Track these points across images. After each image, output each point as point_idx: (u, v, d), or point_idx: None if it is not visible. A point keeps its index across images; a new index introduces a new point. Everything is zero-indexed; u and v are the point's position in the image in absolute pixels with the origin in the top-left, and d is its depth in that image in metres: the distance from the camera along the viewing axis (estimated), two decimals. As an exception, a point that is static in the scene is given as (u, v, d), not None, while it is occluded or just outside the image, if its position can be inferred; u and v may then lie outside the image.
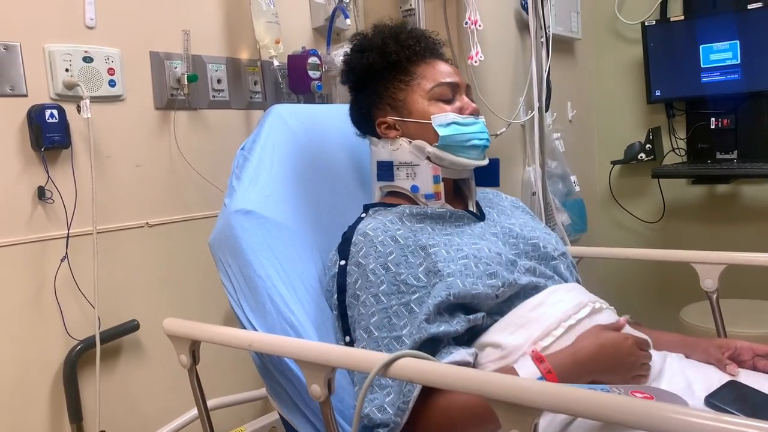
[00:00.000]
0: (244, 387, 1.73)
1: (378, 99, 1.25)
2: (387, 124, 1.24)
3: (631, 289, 2.82)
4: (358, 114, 1.31)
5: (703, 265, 1.35)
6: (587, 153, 2.84)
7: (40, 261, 1.38)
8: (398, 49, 1.23)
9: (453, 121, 1.20)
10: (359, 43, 1.29)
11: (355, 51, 1.29)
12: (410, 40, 1.25)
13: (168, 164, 1.60)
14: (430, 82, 1.22)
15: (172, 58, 1.59)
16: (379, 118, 1.25)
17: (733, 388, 1.04)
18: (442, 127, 1.19)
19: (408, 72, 1.24)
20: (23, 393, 1.36)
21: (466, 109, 1.23)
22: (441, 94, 1.22)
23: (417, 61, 1.24)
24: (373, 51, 1.25)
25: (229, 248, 1.18)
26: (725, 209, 2.64)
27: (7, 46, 1.32)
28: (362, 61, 1.26)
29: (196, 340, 1.11)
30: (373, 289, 1.07)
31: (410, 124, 1.22)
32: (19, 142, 1.34)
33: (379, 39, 1.25)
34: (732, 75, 2.40)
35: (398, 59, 1.24)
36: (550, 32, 2.19)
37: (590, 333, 1.04)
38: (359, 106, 1.30)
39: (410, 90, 1.23)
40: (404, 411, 0.96)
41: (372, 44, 1.26)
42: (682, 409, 0.64)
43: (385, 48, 1.24)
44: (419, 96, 1.22)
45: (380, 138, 1.25)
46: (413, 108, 1.22)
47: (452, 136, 1.19)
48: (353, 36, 1.33)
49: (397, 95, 1.23)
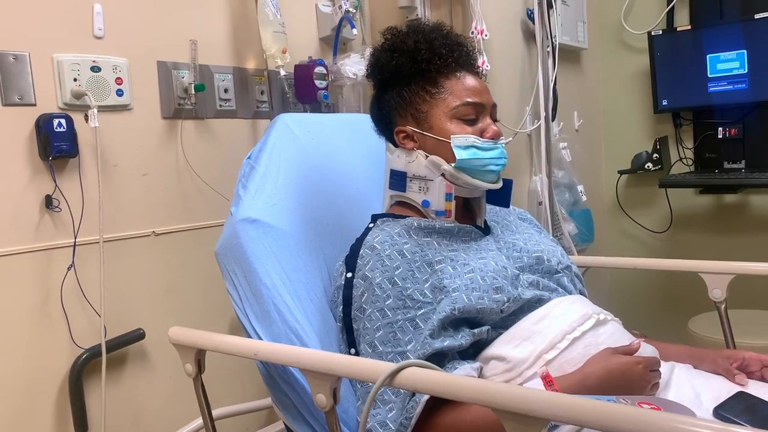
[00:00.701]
0: (249, 396, 1.72)
1: (401, 104, 1.22)
2: (405, 134, 1.21)
3: (639, 299, 2.80)
4: (378, 114, 1.27)
5: (711, 275, 1.35)
6: (594, 162, 2.84)
7: (47, 269, 1.38)
8: (430, 57, 1.19)
9: (472, 144, 1.16)
10: (391, 41, 1.23)
11: (385, 49, 1.24)
12: (444, 49, 1.20)
13: (175, 173, 1.61)
14: (456, 99, 1.18)
15: (179, 68, 1.60)
16: (398, 125, 1.22)
17: (741, 399, 1.03)
18: (460, 149, 1.15)
19: (436, 83, 1.19)
20: (29, 401, 1.36)
21: (487, 132, 1.18)
22: (465, 113, 1.18)
23: (447, 74, 1.20)
24: (404, 54, 1.20)
25: (234, 257, 1.18)
26: (733, 219, 2.63)
27: (16, 56, 1.33)
28: (391, 62, 1.21)
29: (202, 349, 1.11)
30: (379, 304, 1.06)
31: (429, 138, 1.18)
32: (27, 151, 1.35)
33: (412, 42, 1.20)
34: (739, 84, 2.40)
35: (428, 68, 1.20)
36: (557, 42, 2.19)
37: (600, 357, 1.02)
38: (380, 106, 1.26)
39: (435, 103, 1.19)
40: (406, 427, 0.95)
41: (404, 46, 1.21)
42: (690, 420, 0.64)
43: (416, 54, 1.19)
44: (443, 112, 1.18)
45: (397, 146, 1.23)
46: (434, 123, 1.18)
47: (469, 159, 1.15)
48: (386, 29, 1.26)
49: (420, 106, 1.20)
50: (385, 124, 1.26)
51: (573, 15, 2.48)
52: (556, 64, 2.17)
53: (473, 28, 1.92)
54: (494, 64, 1.96)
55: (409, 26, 1.25)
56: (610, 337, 1.07)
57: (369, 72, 1.29)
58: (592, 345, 1.04)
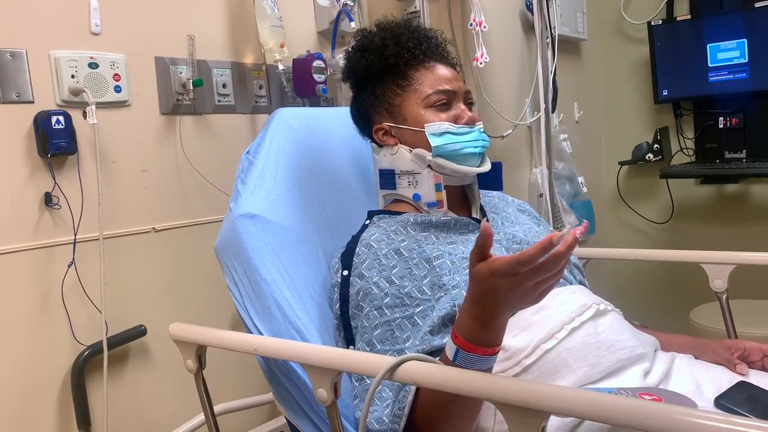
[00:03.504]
0: (251, 392, 1.72)
1: (375, 102, 1.25)
2: (384, 131, 1.23)
3: (640, 290, 2.80)
4: (357, 115, 1.31)
5: (713, 266, 1.34)
6: (595, 154, 2.83)
7: (47, 267, 1.38)
8: (397, 51, 1.21)
9: (446, 130, 1.18)
10: (361, 42, 1.27)
11: (355, 50, 1.27)
12: (411, 42, 1.22)
13: (174, 169, 1.61)
14: (427, 88, 1.20)
15: (177, 63, 1.59)
16: (375, 123, 1.25)
17: (743, 389, 1.03)
18: (435, 137, 1.17)
19: (405, 76, 1.22)
20: (32, 398, 1.36)
21: (461, 118, 1.20)
22: (437, 101, 1.20)
23: (416, 65, 1.22)
24: (373, 52, 1.23)
25: (234, 252, 1.18)
26: (734, 209, 2.62)
27: (13, 53, 1.32)
28: (361, 62, 1.25)
29: (203, 344, 1.10)
30: (377, 302, 1.06)
31: (405, 131, 1.21)
32: (26, 149, 1.35)
33: (379, 39, 1.23)
34: (740, 74, 2.39)
35: (396, 62, 1.22)
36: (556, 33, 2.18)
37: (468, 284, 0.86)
38: (358, 107, 1.29)
39: (406, 96, 1.21)
40: (400, 417, 0.95)
41: (372, 44, 1.24)
42: (691, 411, 0.64)
43: (384, 50, 1.22)
44: (415, 103, 1.20)
45: (380, 146, 1.25)
46: (408, 115, 1.20)
47: (444, 145, 1.17)
48: (356, 32, 1.30)
49: (393, 100, 1.22)
50: (365, 123, 1.28)
51: (572, 5, 2.47)
52: (556, 55, 2.16)
53: (472, 20, 1.91)
54: (493, 56, 1.95)
55: (377, 25, 1.27)
56: (610, 328, 1.07)
57: (344, 75, 1.32)
58: (591, 335, 1.04)
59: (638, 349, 1.05)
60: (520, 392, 0.71)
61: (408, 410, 0.95)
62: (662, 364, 1.06)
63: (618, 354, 1.03)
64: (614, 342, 1.04)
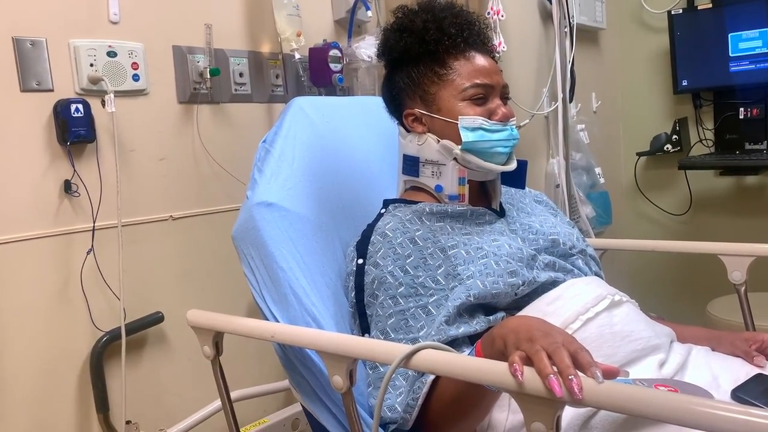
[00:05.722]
0: (267, 378, 1.74)
1: (410, 86, 1.21)
2: (414, 116, 1.20)
3: (657, 282, 2.78)
4: (389, 95, 1.26)
5: (731, 258, 1.33)
6: (612, 144, 2.81)
7: (66, 254, 1.40)
8: (438, 37, 1.17)
9: (480, 126, 1.14)
10: (400, 21, 1.21)
11: (394, 29, 1.22)
12: (453, 28, 1.17)
13: (191, 158, 1.61)
14: (465, 80, 1.16)
15: (194, 52, 1.60)
16: (407, 107, 1.22)
17: (760, 381, 1.02)
18: (467, 131, 1.14)
19: (444, 64, 1.18)
20: (51, 383, 1.39)
21: (496, 114, 1.16)
22: (474, 94, 1.16)
23: (456, 54, 1.18)
24: (413, 34, 1.18)
25: (251, 240, 1.19)
26: (754, 201, 2.59)
27: (34, 41, 1.33)
28: (399, 43, 1.20)
29: (219, 331, 1.11)
30: (391, 291, 1.06)
31: (437, 120, 1.18)
32: (46, 137, 1.36)
33: (420, 21, 1.18)
34: (762, 64, 2.36)
35: (436, 48, 1.18)
36: (574, 22, 2.16)
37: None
38: (390, 88, 1.25)
39: (443, 85, 1.17)
40: (413, 408, 0.96)
41: (413, 26, 1.19)
42: (708, 402, 0.63)
43: (425, 33, 1.17)
44: (451, 94, 1.16)
45: (408, 131, 1.22)
46: (442, 105, 1.17)
47: (476, 142, 1.14)
48: (397, 8, 1.23)
49: (429, 87, 1.18)
50: (395, 105, 1.25)
51: (591, -6, 2.45)
52: (574, 44, 2.14)
53: (489, 9, 1.90)
54: (511, 45, 1.94)
55: (419, 5, 1.22)
56: (625, 318, 1.06)
57: (379, 52, 1.28)
58: (606, 326, 1.04)
59: (653, 339, 1.05)
60: (536, 382, 0.71)
61: (422, 401, 0.96)
62: (678, 356, 1.05)
63: (633, 345, 1.03)
64: (629, 333, 1.04)
